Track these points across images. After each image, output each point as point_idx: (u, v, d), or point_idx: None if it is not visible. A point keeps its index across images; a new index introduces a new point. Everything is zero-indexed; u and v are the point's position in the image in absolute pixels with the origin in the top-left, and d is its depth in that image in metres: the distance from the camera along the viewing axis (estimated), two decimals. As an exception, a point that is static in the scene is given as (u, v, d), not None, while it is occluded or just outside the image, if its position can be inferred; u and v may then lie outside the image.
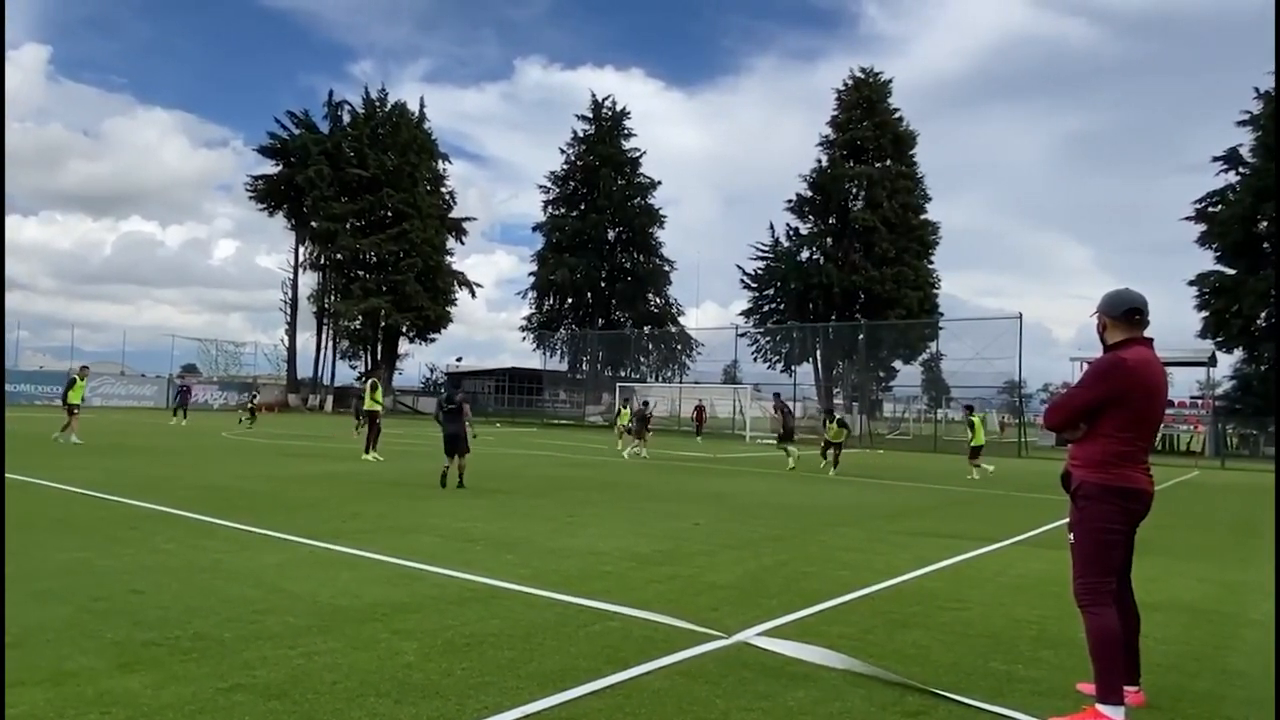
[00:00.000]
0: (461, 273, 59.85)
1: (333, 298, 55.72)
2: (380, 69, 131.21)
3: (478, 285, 60.99)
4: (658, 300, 61.02)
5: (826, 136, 53.57)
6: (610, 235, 59.15)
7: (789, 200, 54.12)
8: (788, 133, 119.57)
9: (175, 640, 4.43)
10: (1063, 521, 4.85)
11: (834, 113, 53.63)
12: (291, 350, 56.78)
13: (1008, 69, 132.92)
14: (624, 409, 25.16)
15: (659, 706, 3.75)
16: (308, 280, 57.38)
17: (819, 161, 53.43)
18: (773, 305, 54.89)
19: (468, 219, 61.63)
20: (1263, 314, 40.66)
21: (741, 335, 48.67)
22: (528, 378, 59.99)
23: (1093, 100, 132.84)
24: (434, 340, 59.66)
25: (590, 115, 59.55)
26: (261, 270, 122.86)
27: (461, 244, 61.44)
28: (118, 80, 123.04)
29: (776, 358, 50.62)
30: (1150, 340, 3.97)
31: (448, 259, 58.50)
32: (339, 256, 54.81)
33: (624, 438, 23.89)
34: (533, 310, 60.59)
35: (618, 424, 26.19)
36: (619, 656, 4.43)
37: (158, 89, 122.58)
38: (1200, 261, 44.54)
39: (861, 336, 44.87)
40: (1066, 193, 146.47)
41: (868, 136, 51.90)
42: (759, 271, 54.77)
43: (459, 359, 62.41)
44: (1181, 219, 43.28)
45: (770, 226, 55.01)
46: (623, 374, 52.99)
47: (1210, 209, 42.54)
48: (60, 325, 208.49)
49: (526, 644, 4.62)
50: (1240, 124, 41.57)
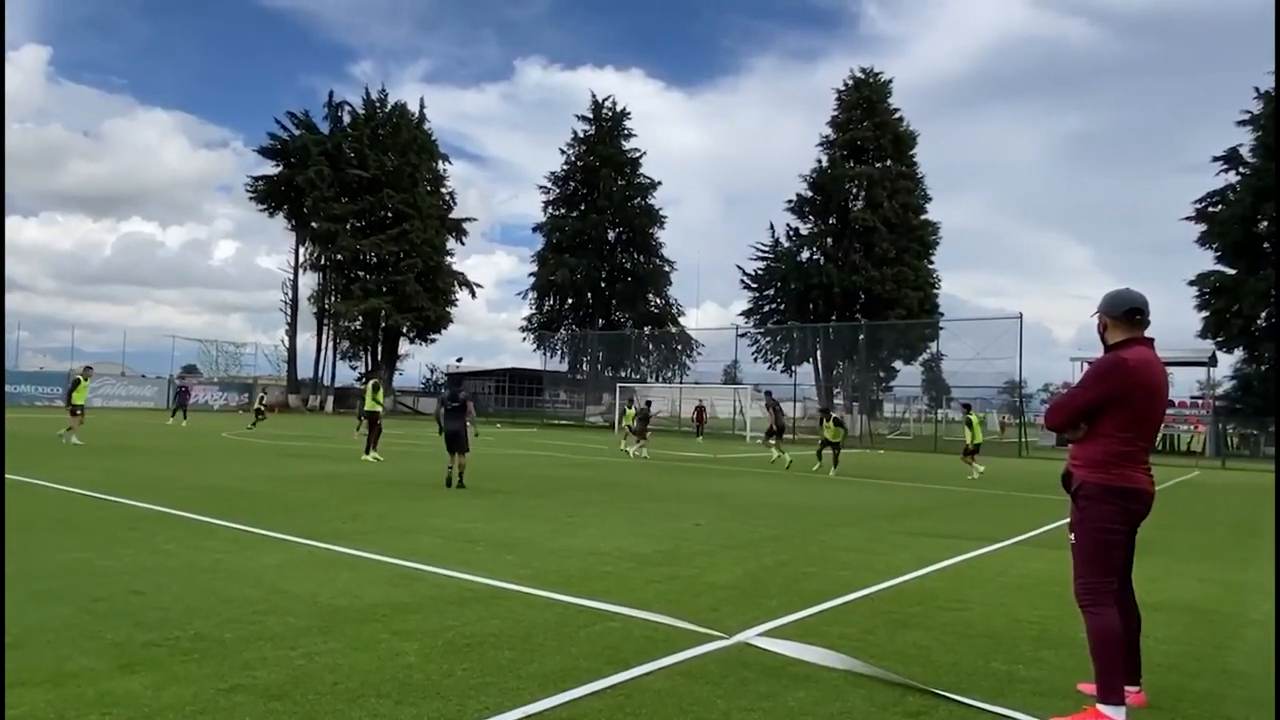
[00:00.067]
0: (462, 273, 59.91)
1: (333, 298, 55.67)
2: (380, 69, 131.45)
3: (478, 286, 61.10)
4: (658, 300, 60.99)
5: (826, 137, 53.61)
6: (610, 235, 59.11)
7: (789, 200, 54.20)
8: (788, 133, 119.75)
9: (176, 641, 4.43)
10: (1063, 522, 4.85)
11: (834, 113, 53.66)
12: (292, 351, 56.82)
13: (1008, 69, 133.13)
14: (629, 409, 25.23)
15: (660, 707, 3.74)
16: (308, 281, 57.45)
17: (819, 161, 53.49)
18: (773, 305, 54.89)
19: (468, 219, 61.74)
20: (1263, 314, 40.64)
21: (742, 336, 48.67)
22: (528, 378, 60.02)
23: (1093, 100, 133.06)
24: (434, 341, 59.79)
25: (590, 116, 59.55)
26: (262, 271, 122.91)
27: (462, 244, 61.60)
28: (118, 81, 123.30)
29: (777, 358, 50.65)
30: (1151, 340, 3.97)
31: (448, 259, 58.51)
32: (339, 257, 54.79)
33: (629, 438, 23.92)
34: (533, 310, 60.64)
35: (623, 424, 26.22)
36: (619, 657, 4.43)
37: (158, 90, 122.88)
38: (1200, 261, 44.63)
39: (862, 337, 44.86)
40: (1066, 193, 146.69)
41: (868, 136, 51.91)
42: (759, 272, 54.78)
43: (459, 359, 62.49)
44: (1181, 219, 43.38)
45: (770, 227, 55.08)
46: (623, 374, 52.99)
47: (1210, 209, 42.54)
48: (60, 326, 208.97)
49: (527, 644, 4.62)
50: (1240, 124, 41.61)
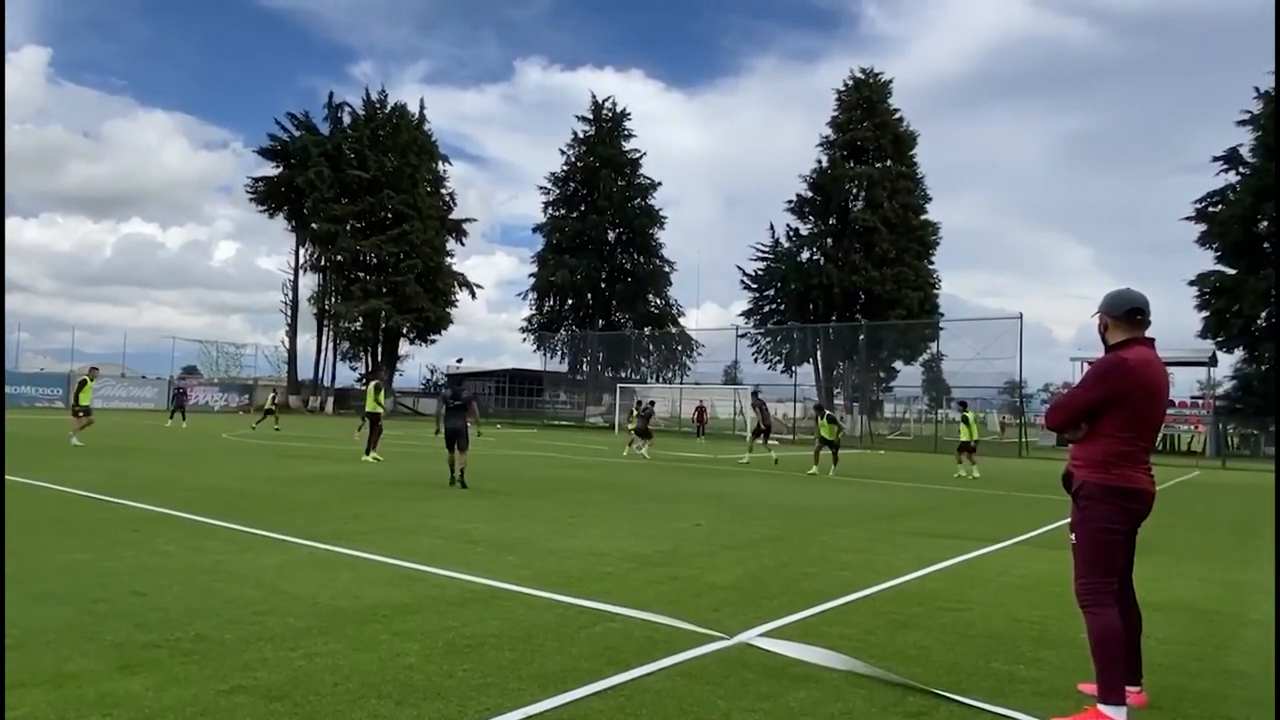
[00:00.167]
0: (462, 274, 59.95)
1: (333, 299, 55.72)
2: (380, 70, 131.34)
3: (478, 286, 61.09)
4: (658, 301, 61.01)
5: (826, 137, 53.70)
6: (610, 236, 59.14)
7: (789, 201, 54.29)
8: (788, 133, 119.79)
9: (176, 642, 4.42)
10: (1064, 522, 4.85)
11: (834, 113, 53.75)
12: (292, 352, 56.88)
13: (1008, 69, 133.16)
14: (634, 410, 25.23)
15: (660, 707, 3.74)
16: (308, 282, 57.53)
17: (819, 162, 53.58)
18: (773, 306, 54.93)
19: (468, 220, 61.76)
20: (1263, 314, 40.67)
21: (742, 336, 48.69)
22: (528, 379, 60.05)
23: (1093, 100, 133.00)
24: (434, 341, 59.83)
25: (590, 116, 59.60)
26: (262, 272, 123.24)
27: (462, 245, 61.61)
28: (118, 82, 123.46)
29: (777, 358, 50.70)
30: (1152, 340, 3.96)
31: (448, 260, 58.54)
32: (339, 258, 54.82)
33: (634, 442, 23.89)
34: (533, 311, 60.67)
35: (628, 426, 26.21)
36: (620, 657, 4.43)
37: (158, 91, 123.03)
38: (1200, 261, 44.66)
39: (862, 337, 44.88)
40: (1066, 193, 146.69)
41: (868, 137, 51.97)
42: (759, 272, 54.82)
43: (459, 360, 62.39)
44: (1181, 219, 43.45)
45: (770, 227, 55.21)
46: (623, 375, 52.99)
47: (1210, 209, 42.57)
48: (61, 327, 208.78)
49: (527, 645, 4.62)
50: (1240, 124, 41.67)
